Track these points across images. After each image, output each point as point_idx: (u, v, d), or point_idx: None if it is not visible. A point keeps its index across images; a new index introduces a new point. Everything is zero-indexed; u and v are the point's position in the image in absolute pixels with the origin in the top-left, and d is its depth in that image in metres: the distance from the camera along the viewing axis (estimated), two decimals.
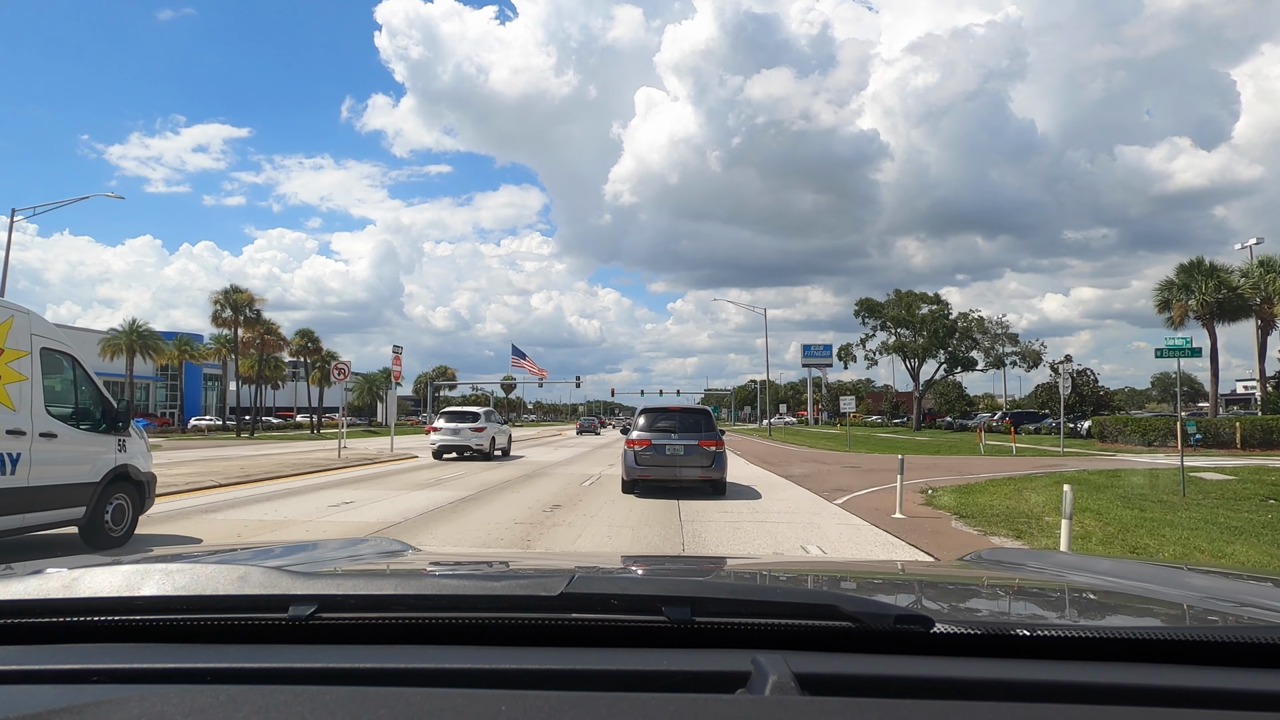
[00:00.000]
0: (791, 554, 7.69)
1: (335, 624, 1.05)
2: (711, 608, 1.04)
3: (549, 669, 0.92)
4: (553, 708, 0.76)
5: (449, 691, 0.83)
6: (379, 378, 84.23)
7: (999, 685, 0.89)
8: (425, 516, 10.78)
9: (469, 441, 23.06)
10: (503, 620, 1.05)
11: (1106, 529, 9.28)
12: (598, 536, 9.18)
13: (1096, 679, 0.91)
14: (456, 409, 25.16)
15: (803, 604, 1.09)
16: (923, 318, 60.63)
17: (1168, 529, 9.18)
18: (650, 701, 0.78)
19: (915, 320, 60.76)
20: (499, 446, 24.74)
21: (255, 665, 0.94)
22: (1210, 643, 0.98)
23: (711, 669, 0.91)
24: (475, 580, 1.34)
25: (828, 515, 11.27)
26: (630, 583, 1.37)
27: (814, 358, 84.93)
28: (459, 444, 23.13)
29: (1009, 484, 14.82)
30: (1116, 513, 10.39)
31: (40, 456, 7.10)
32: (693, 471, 12.78)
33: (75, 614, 1.06)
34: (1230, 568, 1.68)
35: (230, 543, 8.09)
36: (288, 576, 1.15)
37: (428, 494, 13.74)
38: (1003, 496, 12.88)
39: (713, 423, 13.49)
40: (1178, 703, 0.87)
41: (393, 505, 12.10)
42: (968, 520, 10.58)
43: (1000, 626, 1.03)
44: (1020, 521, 10.15)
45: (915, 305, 61.81)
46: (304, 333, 65.08)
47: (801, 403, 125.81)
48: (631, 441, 13.19)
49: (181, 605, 1.07)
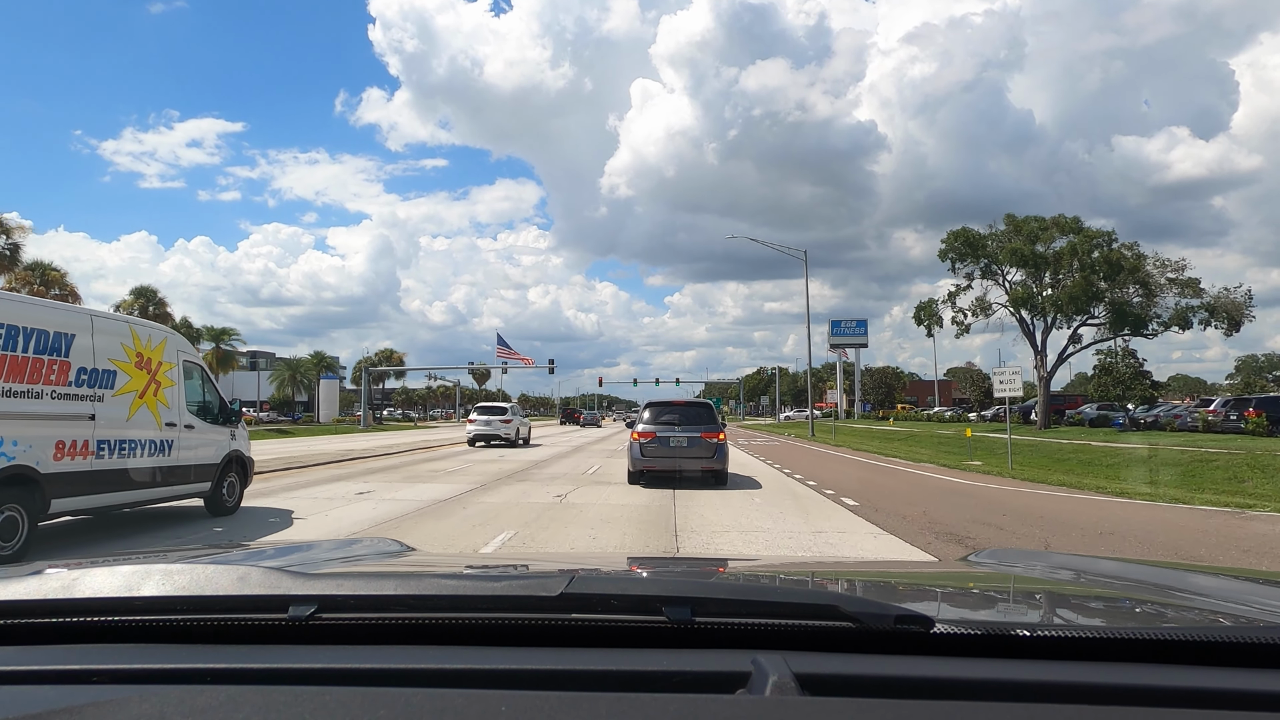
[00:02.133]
0: (792, 554, 7.65)
1: (335, 624, 1.05)
2: (712, 608, 1.04)
3: (549, 669, 0.92)
4: (553, 708, 0.76)
5: (449, 692, 0.83)
6: (308, 364, 73.82)
7: (999, 685, 0.89)
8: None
9: (499, 431, 27.65)
10: (503, 620, 1.05)
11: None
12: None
13: (1097, 679, 0.91)
14: (487, 404, 30.80)
15: (803, 604, 1.09)
16: (1060, 254, 36.46)
17: None
18: (650, 702, 0.78)
19: (1046, 258, 36.70)
20: (521, 436, 29.40)
21: (255, 666, 0.94)
22: (1211, 643, 0.98)
23: (712, 669, 0.91)
24: (475, 580, 1.34)
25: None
26: (630, 583, 1.38)
27: (844, 336, 69.28)
28: (490, 433, 27.68)
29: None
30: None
31: (184, 443, 9.30)
32: (695, 463, 13.41)
33: (75, 614, 1.06)
34: (1233, 570, 1.80)
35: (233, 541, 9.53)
36: (287, 577, 1.15)
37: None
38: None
39: (714, 416, 14.15)
40: (1178, 703, 0.87)
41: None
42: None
43: (1000, 627, 1.03)
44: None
45: (1045, 232, 37.54)
46: (142, 291, 45.24)
47: (814, 392, 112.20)
48: (637, 434, 13.79)
49: (181, 605, 1.07)
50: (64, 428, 7.38)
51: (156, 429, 8.77)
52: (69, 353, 7.49)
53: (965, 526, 9.59)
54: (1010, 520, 10.23)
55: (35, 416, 7.06)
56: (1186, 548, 8.32)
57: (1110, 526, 9.60)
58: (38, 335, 7.15)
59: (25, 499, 6.89)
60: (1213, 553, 7.99)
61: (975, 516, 10.58)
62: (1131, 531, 9.25)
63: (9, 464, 6.69)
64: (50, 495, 7.12)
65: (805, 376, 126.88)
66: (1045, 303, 36.87)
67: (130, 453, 8.29)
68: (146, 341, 8.79)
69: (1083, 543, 8.44)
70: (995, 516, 10.56)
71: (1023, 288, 37.46)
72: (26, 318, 7.12)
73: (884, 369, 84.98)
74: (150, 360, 8.78)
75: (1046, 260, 36.94)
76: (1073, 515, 10.71)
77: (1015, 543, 8.37)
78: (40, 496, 7.02)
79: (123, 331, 8.50)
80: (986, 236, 38.56)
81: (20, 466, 6.80)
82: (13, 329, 6.89)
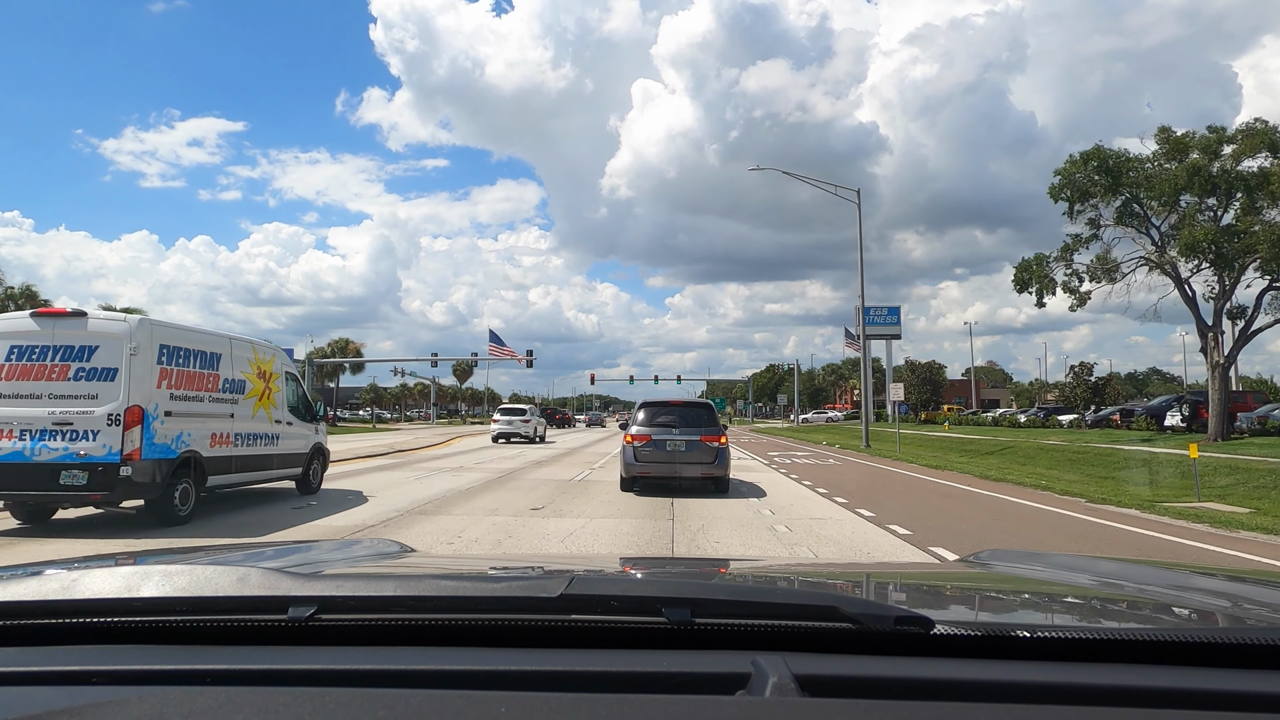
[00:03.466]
0: (792, 556, 7.68)
1: (335, 625, 1.05)
2: (712, 609, 1.04)
3: (549, 670, 0.92)
4: (553, 709, 0.77)
5: (449, 693, 0.84)
6: None
7: (999, 686, 0.89)
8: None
9: (520, 429, 32.16)
10: (502, 621, 1.05)
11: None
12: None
13: (1097, 680, 0.91)
14: (510, 406, 35.88)
15: (803, 605, 1.09)
16: (1268, 175, 23.12)
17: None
18: (650, 703, 0.79)
19: (1246, 179, 23.67)
20: (539, 433, 33.97)
21: (254, 667, 0.94)
22: (1211, 644, 0.98)
23: (712, 670, 0.91)
24: (475, 581, 1.33)
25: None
26: (630, 584, 1.40)
27: (875, 325, 54.64)
28: (511, 430, 32.14)
29: None
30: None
31: (286, 435, 11.80)
32: (694, 468, 12.25)
33: (74, 615, 1.07)
34: (1233, 570, 1.78)
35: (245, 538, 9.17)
36: (287, 578, 1.16)
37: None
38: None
39: (715, 417, 13.01)
40: (1178, 704, 0.87)
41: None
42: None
43: (1000, 628, 1.03)
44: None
45: (1225, 148, 24.39)
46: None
47: (826, 395, 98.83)
48: (630, 437, 12.60)
49: (181, 606, 1.07)
50: (215, 424, 9.88)
51: (269, 424, 11.28)
52: (218, 367, 10.01)
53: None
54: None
55: (199, 415, 9.56)
56: None
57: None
58: (200, 355, 9.67)
59: (194, 475, 9.38)
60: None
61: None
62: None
63: (185, 449, 9.18)
64: (208, 473, 9.61)
65: (821, 375, 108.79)
66: (1237, 249, 23.41)
67: (254, 443, 10.81)
68: (264, 356, 11.34)
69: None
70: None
71: (1204, 229, 23.69)
72: (195, 342, 9.66)
73: (929, 364, 69.31)
74: (265, 371, 11.30)
75: (1245, 184, 23.62)
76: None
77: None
78: (203, 474, 9.50)
79: (249, 350, 11.05)
80: (1131, 161, 25.55)
81: (191, 452, 9.29)
82: (187, 351, 9.41)
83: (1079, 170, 26.27)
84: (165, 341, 9.05)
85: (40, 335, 8.52)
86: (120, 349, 8.49)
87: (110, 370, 8.46)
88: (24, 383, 8.41)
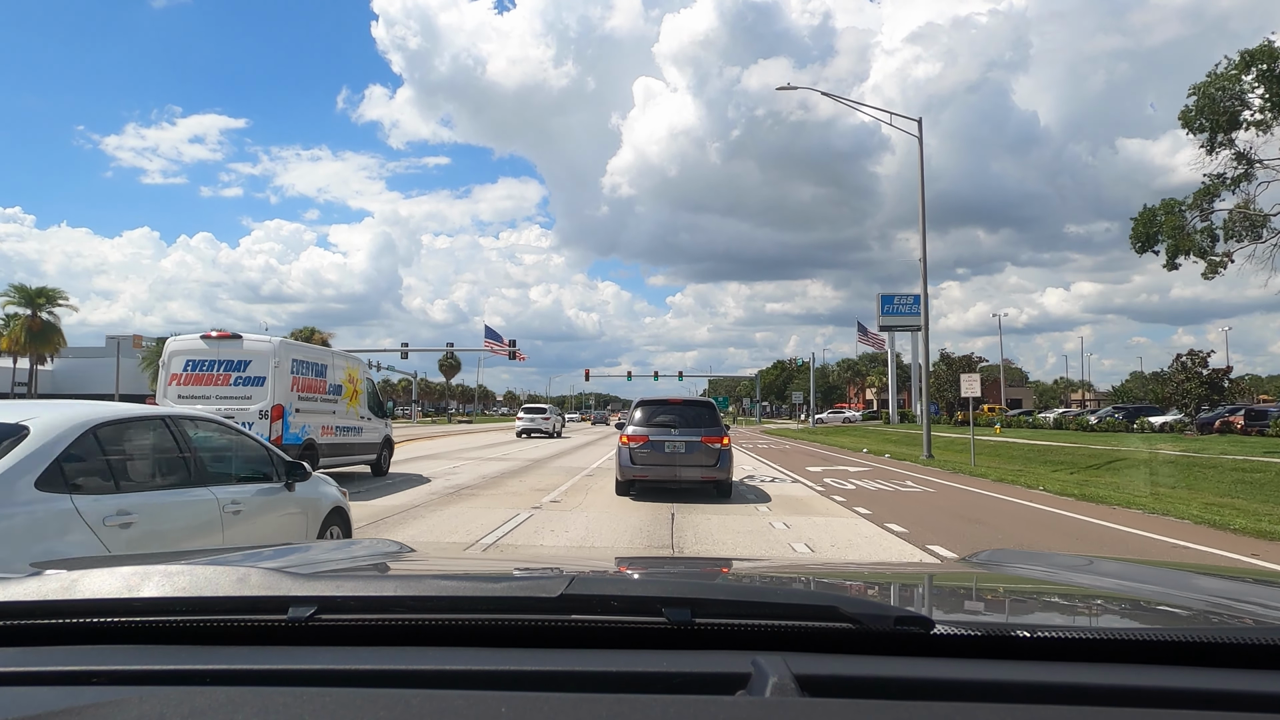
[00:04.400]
0: (792, 555, 7.79)
1: (335, 625, 1.05)
2: (712, 609, 1.04)
3: (549, 670, 0.92)
4: (553, 709, 0.77)
5: (449, 693, 0.84)
6: None
7: (999, 686, 0.89)
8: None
9: (541, 426, 37.48)
10: (502, 622, 1.05)
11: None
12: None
13: (1097, 680, 0.91)
14: (532, 406, 41.03)
15: (803, 605, 1.09)
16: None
17: None
18: (650, 703, 0.79)
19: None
20: (557, 429, 39.44)
21: (254, 667, 0.94)
22: (1211, 644, 0.98)
23: (712, 670, 0.91)
24: (475, 581, 1.33)
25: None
26: (630, 584, 1.40)
27: (897, 316, 52.15)
28: (534, 427, 37.29)
29: None
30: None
31: (365, 429, 14.91)
32: (695, 471, 11.55)
33: (75, 616, 1.07)
34: (1233, 570, 1.70)
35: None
36: (287, 578, 1.16)
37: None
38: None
39: (717, 416, 12.34)
40: (1178, 704, 0.87)
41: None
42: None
43: (1000, 628, 1.03)
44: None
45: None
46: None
47: (840, 394, 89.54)
48: (626, 437, 11.80)
49: (181, 607, 1.07)
50: (325, 418, 12.99)
51: (357, 420, 14.41)
52: (326, 375, 13.14)
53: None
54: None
55: (315, 412, 12.68)
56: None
57: None
58: (315, 366, 12.80)
59: (311, 459, 12.42)
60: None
61: None
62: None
63: (306, 437, 12.26)
64: (319, 456, 12.67)
65: (836, 371, 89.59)
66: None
67: (348, 434, 13.94)
68: (352, 366, 14.50)
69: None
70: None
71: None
72: (313, 356, 12.87)
73: (965, 358, 60.90)
74: (353, 377, 14.46)
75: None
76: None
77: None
78: (316, 457, 12.54)
79: (344, 361, 14.33)
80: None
81: (310, 440, 12.38)
82: (308, 363, 12.55)
83: (1231, 83, 19.16)
84: (295, 356, 12.23)
85: (208, 352, 11.67)
86: (267, 362, 11.63)
87: (260, 378, 11.60)
88: (197, 387, 11.58)
